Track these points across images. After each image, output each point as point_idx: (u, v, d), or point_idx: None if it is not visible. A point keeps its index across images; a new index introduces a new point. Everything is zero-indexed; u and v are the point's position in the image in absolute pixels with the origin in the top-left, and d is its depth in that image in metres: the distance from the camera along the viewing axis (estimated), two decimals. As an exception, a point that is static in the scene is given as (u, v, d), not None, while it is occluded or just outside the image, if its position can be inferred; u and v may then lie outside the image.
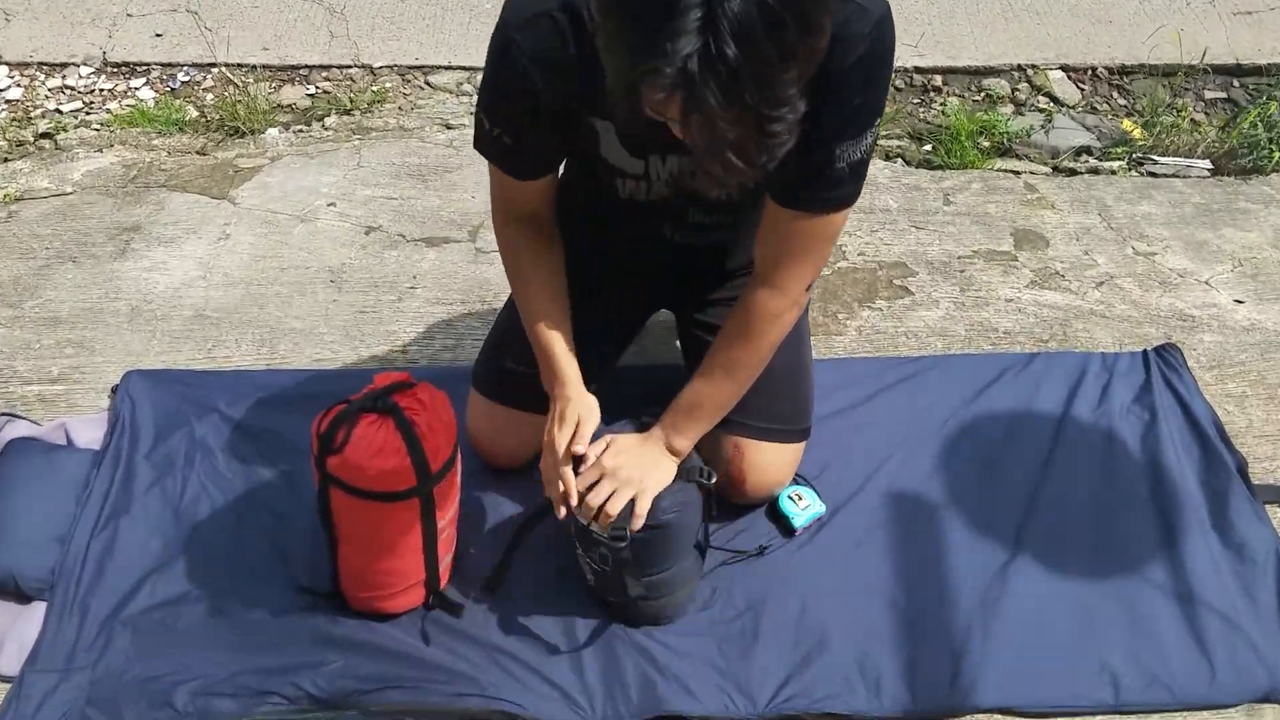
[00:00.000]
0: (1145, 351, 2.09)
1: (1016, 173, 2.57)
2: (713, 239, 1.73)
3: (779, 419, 1.75)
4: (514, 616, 1.69)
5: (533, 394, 1.77)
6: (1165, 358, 2.05)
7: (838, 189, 1.41)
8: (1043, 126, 2.73)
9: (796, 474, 1.84)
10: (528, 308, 1.63)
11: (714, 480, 1.58)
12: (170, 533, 1.81)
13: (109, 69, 3.22)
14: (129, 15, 3.38)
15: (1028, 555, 1.75)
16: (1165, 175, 2.57)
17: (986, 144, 2.66)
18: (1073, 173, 2.60)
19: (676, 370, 1.82)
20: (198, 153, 2.85)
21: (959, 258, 2.32)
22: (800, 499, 1.80)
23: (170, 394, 2.06)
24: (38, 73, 3.22)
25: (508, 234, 1.62)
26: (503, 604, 1.71)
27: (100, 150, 2.89)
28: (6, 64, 3.21)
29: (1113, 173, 2.59)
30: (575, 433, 1.53)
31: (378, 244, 2.47)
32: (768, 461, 1.75)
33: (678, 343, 2.12)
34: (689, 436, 1.58)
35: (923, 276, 2.28)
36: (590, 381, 1.62)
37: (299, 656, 1.64)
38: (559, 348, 1.60)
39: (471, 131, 1.53)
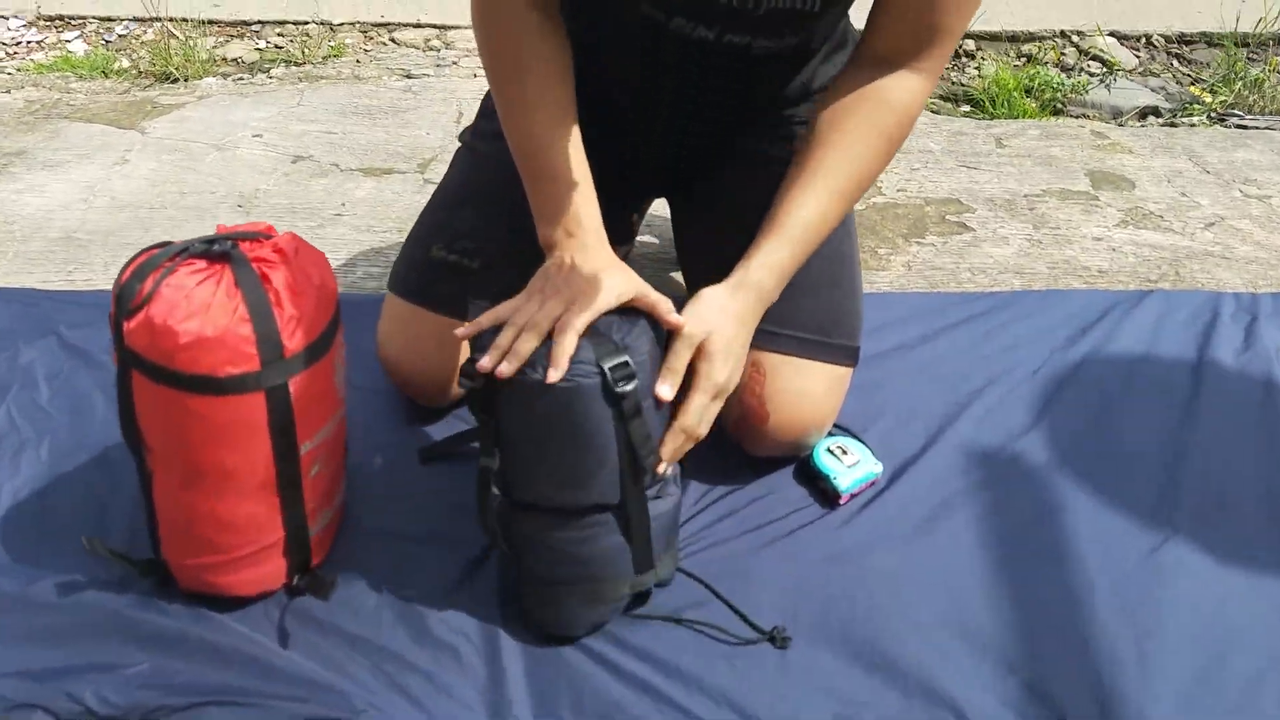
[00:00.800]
0: (1294, 290, 1.47)
1: (1080, 123, 1.99)
2: (783, 45, 1.07)
3: (816, 327, 1.11)
4: (414, 607, 1.03)
5: (468, 293, 1.14)
6: (1321, 298, 1.44)
7: None
8: (1102, 82, 2.16)
9: (837, 423, 1.20)
10: (527, 111, 1.02)
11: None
12: (-49, 482, 1.16)
13: (41, 21, 2.64)
14: (73, -26, 2.81)
15: (1184, 537, 1.10)
16: (1257, 129, 1.99)
17: (1034, 105, 2.08)
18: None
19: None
20: (118, 94, 2.25)
21: (1025, 196, 1.71)
22: (845, 453, 1.15)
23: (1, 314, 1.42)
24: (-39, 25, 2.64)
25: (499, 5, 1.01)
26: (400, 591, 1.05)
27: (8, 91, 2.28)
28: (-72, 17, 2.64)
29: (1192, 125, 2.00)
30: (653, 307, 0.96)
31: (304, 172, 1.85)
32: (800, 388, 1.10)
33: (676, 274, 1.51)
34: (782, 281, 1.03)
35: (982, 213, 1.67)
36: None
37: (88, 654, 0.98)
38: (576, 171, 1.00)
39: (436, 80, 0.99)
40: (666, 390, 0.94)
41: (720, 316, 0.98)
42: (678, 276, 1.51)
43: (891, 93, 1.01)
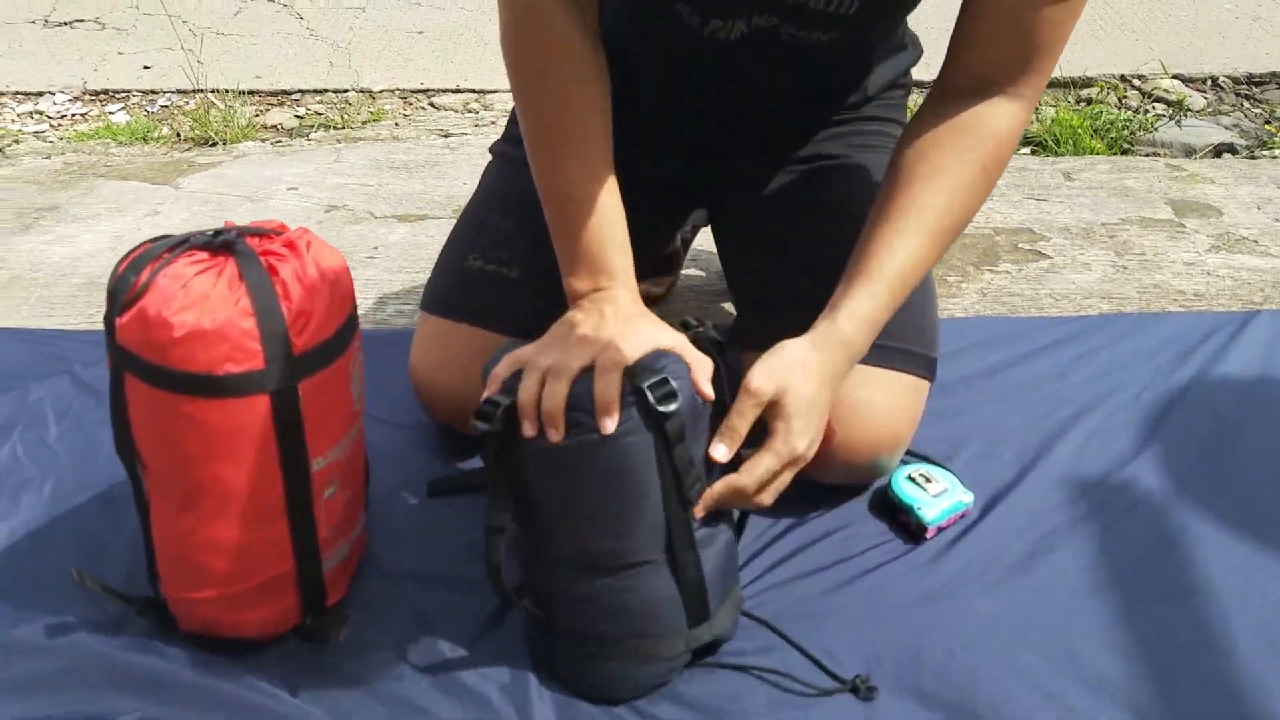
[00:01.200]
0: None
1: (1152, 160, 1.87)
2: (811, 38, 0.97)
3: (887, 332, 0.95)
4: (439, 653, 0.90)
5: (507, 303, 1.04)
6: None
7: None
8: (1172, 118, 2.05)
9: (918, 452, 1.06)
10: (562, 151, 0.90)
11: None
12: (-53, 521, 1.07)
13: (86, 96, 2.65)
14: (120, 53, 2.84)
15: (1334, 569, 0.94)
16: (1347, 160, 1.86)
17: (1101, 144, 1.97)
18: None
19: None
20: (157, 157, 2.22)
21: (1103, 224, 1.59)
22: (930, 481, 1.02)
23: (13, 352, 1.36)
24: (10, 100, 2.66)
25: (532, 6, 0.89)
26: (424, 636, 0.92)
27: (48, 157, 2.27)
28: (-21, 95, 2.66)
29: (1275, 157, 1.88)
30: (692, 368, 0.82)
31: (338, 220, 1.79)
32: (871, 400, 0.97)
33: (725, 304, 1.40)
34: (872, 334, 0.88)
35: (1058, 240, 1.54)
36: None
37: (75, 703, 0.87)
38: (611, 220, 0.89)
39: (474, 138, 0.96)
40: (722, 451, 0.81)
41: (799, 373, 0.83)
42: (728, 306, 1.40)
43: (986, 122, 0.88)
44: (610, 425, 0.76)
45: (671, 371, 0.79)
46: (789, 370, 0.83)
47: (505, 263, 1.05)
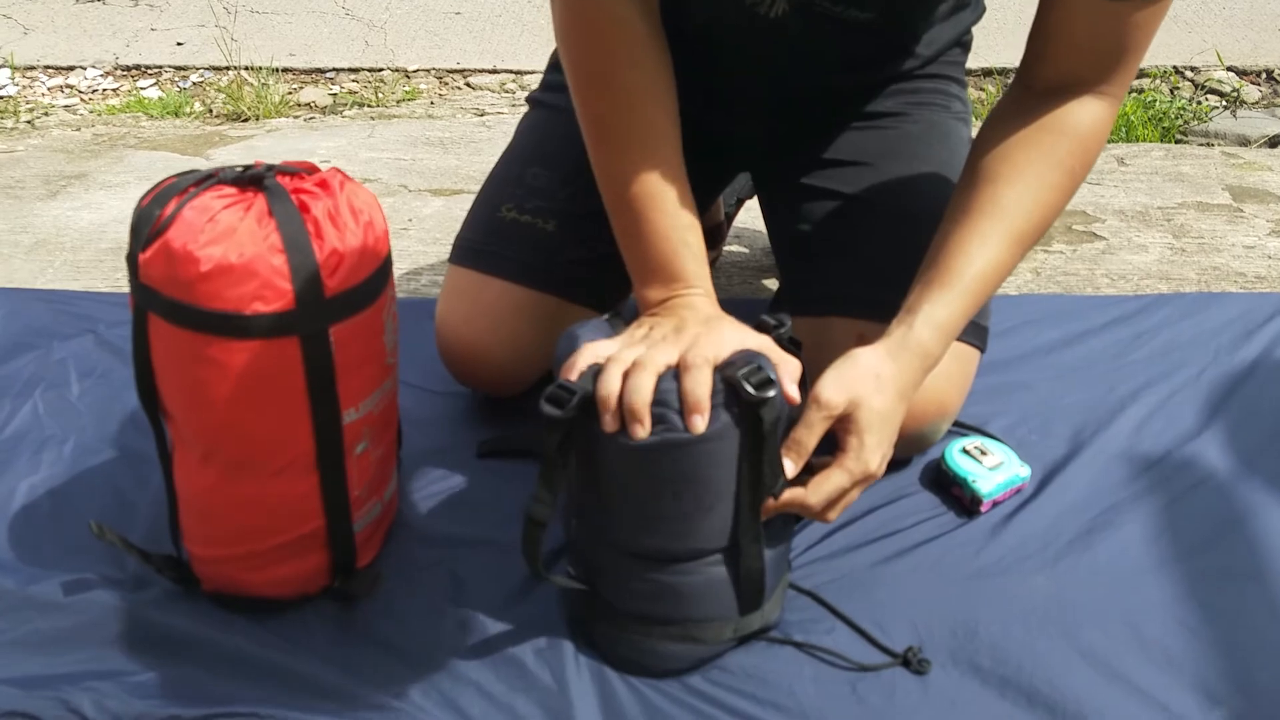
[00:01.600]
0: None
1: (1206, 149, 1.83)
2: (846, 13, 0.94)
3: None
4: (473, 617, 0.88)
5: (541, 257, 1.01)
6: None
7: None
8: (1227, 108, 2.01)
9: (973, 425, 1.03)
10: (625, 147, 0.86)
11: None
12: (-37, 478, 1.05)
13: (118, 71, 2.66)
14: (152, 30, 2.85)
15: None
16: None
17: (1154, 132, 1.93)
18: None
19: (753, 309, 0.92)
20: (188, 130, 2.22)
21: (1159, 208, 1.55)
22: (985, 454, 0.98)
23: (38, 312, 1.34)
24: (41, 74, 2.67)
25: (597, 9, 0.85)
26: (457, 600, 0.90)
27: (78, 129, 2.27)
28: (13, 68, 2.67)
29: (1336, 149, 1.84)
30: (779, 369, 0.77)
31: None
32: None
33: (767, 281, 1.37)
34: (948, 343, 0.83)
35: (1113, 223, 1.51)
36: (611, 300, 0.92)
37: (91, 660, 0.85)
38: (684, 221, 0.85)
39: (510, 117, 0.92)
40: (789, 467, 0.77)
41: (873, 385, 0.78)
42: (769, 283, 1.37)
43: (1072, 121, 0.84)
44: (701, 424, 0.72)
45: (764, 367, 0.75)
46: (862, 381, 0.78)
47: (541, 214, 1.02)
